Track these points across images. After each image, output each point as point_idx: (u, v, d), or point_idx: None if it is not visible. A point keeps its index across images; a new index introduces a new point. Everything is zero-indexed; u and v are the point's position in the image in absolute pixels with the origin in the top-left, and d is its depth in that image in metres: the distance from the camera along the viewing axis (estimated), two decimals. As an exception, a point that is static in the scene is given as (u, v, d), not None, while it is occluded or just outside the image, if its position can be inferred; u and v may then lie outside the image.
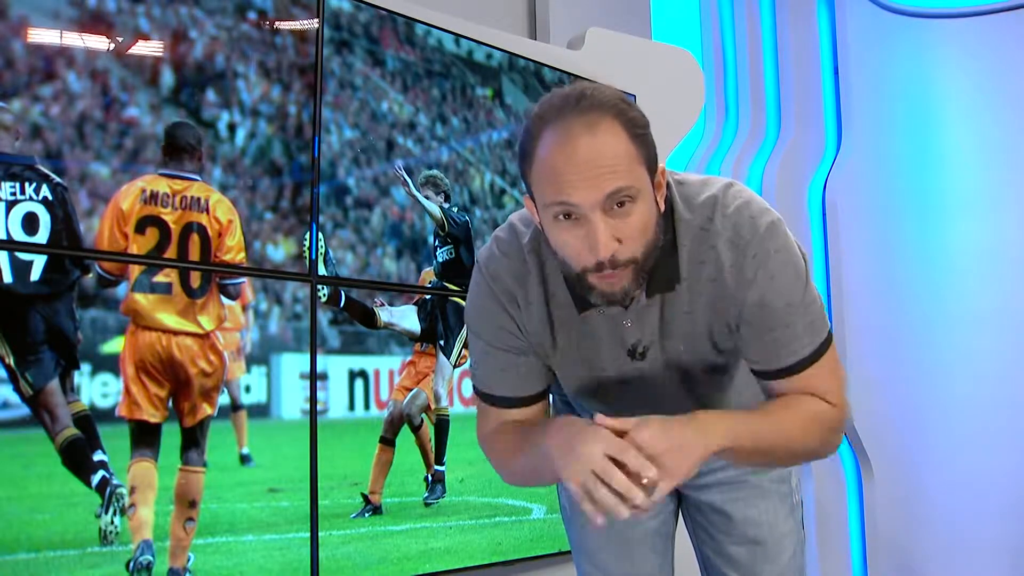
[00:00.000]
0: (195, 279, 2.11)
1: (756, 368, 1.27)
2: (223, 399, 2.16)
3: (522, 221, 1.32)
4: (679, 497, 1.58)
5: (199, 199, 2.11)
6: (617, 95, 1.15)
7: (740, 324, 1.23)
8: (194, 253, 2.10)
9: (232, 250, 2.16)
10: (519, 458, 1.29)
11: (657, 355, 1.28)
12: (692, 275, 1.22)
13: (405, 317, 2.57)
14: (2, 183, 1.84)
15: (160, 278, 2.06)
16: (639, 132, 1.13)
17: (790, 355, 1.23)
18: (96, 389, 1.98)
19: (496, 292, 1.29)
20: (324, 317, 2.36)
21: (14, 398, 1.85)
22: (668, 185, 1.23)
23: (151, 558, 1.97)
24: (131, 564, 1.94)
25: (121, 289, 2.02)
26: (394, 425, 2.53)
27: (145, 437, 2.02)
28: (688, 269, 1.22)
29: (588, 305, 1.24)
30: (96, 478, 1.93)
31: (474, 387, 1.38)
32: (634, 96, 3.12)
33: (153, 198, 2.05)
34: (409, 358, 2.60)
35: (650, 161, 1.15)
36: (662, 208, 1.19)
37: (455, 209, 2.68)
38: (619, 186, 1.10)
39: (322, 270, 2.34)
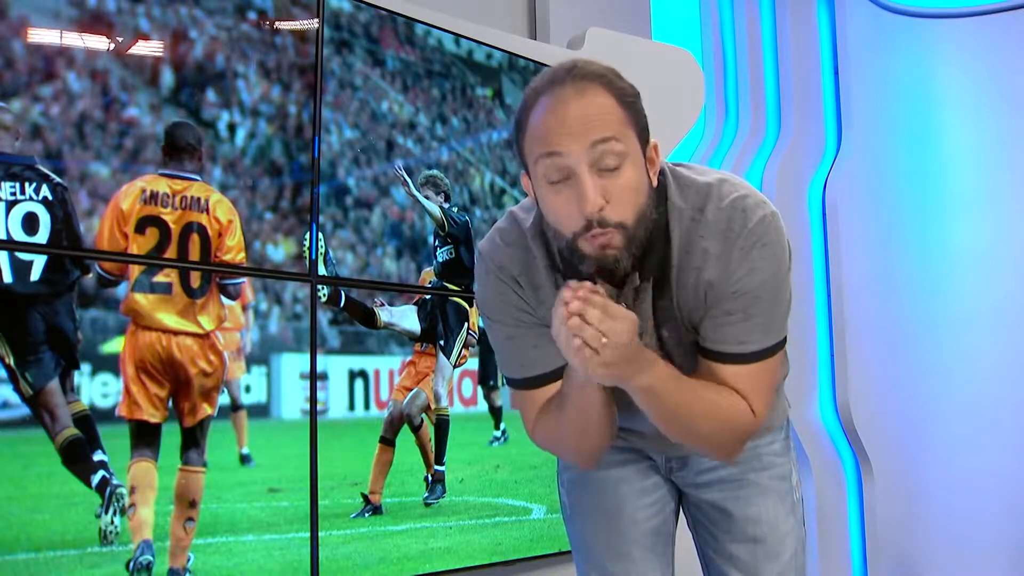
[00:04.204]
0: (195, 279, 2.11)
1: (701, 344, 1.28)
2: (223, 399, 2.16)
3: (522, 209, 1.34)
4: (679, 496, 1.58)
5: (199, 199, 2.11)
6: (607, 67, 1.18)
7: (709, 305, 1.25)
8: (194, 253, 2.10)
9: (232, 250, 2.16)
10: (565, 424, 1.29)
11: (651, 342, 1.30)
12: (681, 263, 1.24)
13: (405, 317, 2.57)
14: (2, 183, 1.84)
15: (160, 278, 2.06)
16: (628, 100, 1.17)
17: (737, 344, 1.24)
18: (96, 389, 1.98)
19: (503, 279, 1.31)
20: (324, 317, 2.36)
21: (14, 398, 1.85)
22: (663, 171, 1.25)
23: (151, 558, 1.97)
24: (131, 564, 1.94)
25: (121, 289, 2.02)
26: (394, 425, 2.53)
27: (145, 437, 2.02)
28: (678, 256, 1.24)
29: None
30: (96, 478, 1.93)
31: (509, 381, 1.37)
32: (634, 96, 3.12)
33: (153, 198, 2.05)
34: (409, 358, 2.60)
35: (640, 129, 1.18)
36: (654, 183, 1.21)
37: (455, 209, 2.68)
38: (605, 135, 1.12)
39: (322, 270, 2.34)
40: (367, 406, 2.48)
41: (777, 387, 1.49)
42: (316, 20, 2.36)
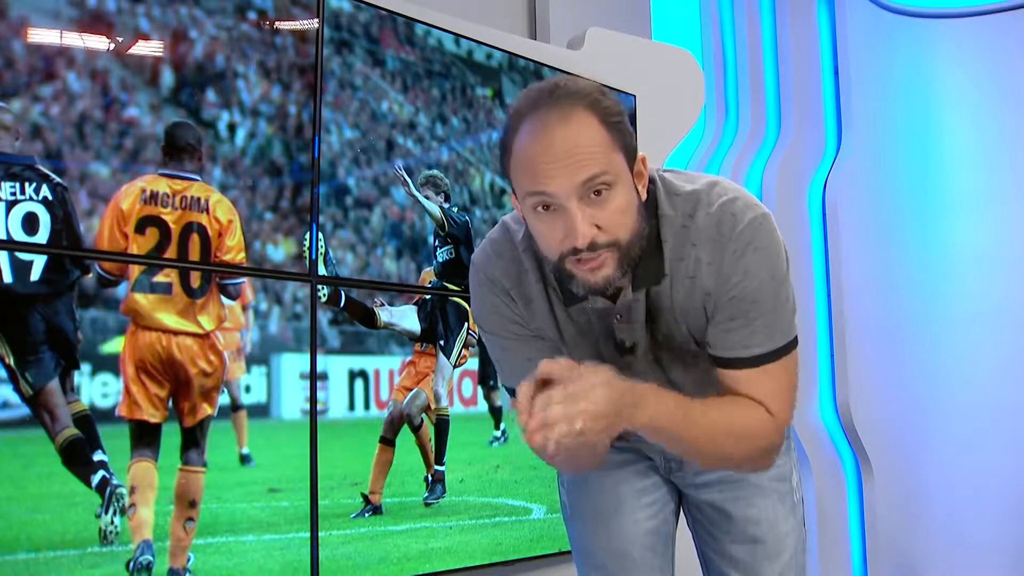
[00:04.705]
0: (195, 279, 2.11)
1: (709, 352, 1.27)
2: (223, 399, 2.15)
3: (514, 220, 1.33)
4: (679, 496, 1.58)
5: (199, 199, 2.11)
6: (591, 85, 1.16)
7: (711, 313, 1.24)
8: (194, 253, 2.10)
9: (232, 250, 2.16)
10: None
11: (646, 349, 1.30)
12: (673, 271, 1.23)
13: (405, 317, 2.57)
14: (2, 183, 1.84)
15: (160, 278, 2.06)
16: (613, 120, 1.14)
17: (743, 349, 1.23)
18: (96, 389, 1.98)
19: (496, 291, 1.31)
20: (324, 317, 2.36)
21: (14, 398, 1.85)
22: (652, 180, 1.24)
23: (151, 558, 1.97)
24: (131, 564, 1.94)
25: (121, 289, 2.02)
26: (394, 425, 2.53)
27: (145, 437, 2.02)
28: (670, 265, 1.23)
29: (576, 299, 1.24)
30: (96, 478, 1.93)
31: (508, 389, 1.36)
32: (634, 96, 3.13)
33: (153, 198, 2.05)
34: (409, 358, 2.60)
35: (627, 149, 1.15)
36: (643, 197, 1.19)
37: (455, 209, 2.68)
38: (594, 172, 1.10)
39: (322, 270, 2.34)
40: (367, 406, 2.48)
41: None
42: (316, 20, 2.36)
